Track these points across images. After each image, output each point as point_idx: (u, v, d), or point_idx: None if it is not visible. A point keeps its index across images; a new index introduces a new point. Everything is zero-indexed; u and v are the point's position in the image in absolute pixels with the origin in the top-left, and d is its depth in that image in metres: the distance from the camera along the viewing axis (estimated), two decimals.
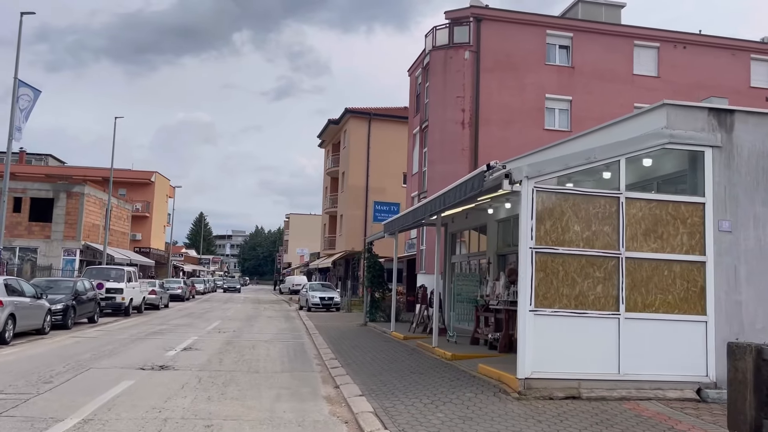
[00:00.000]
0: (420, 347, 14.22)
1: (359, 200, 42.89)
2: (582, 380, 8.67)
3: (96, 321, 21.34)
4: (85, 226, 40.74)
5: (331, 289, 34.62)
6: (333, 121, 46.23)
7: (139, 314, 27.17)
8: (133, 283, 26.43)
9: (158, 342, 15.88)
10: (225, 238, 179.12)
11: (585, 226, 9.01)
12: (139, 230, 56.62)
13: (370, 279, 21.45)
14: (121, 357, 12.81)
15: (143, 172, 58.21)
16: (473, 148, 24.76)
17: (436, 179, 24.67)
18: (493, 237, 17.71)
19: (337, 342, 16.20)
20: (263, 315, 29.30)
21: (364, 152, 43.15)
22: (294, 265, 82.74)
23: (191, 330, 19.97)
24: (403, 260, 30.88)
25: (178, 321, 23.97)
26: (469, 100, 25.06)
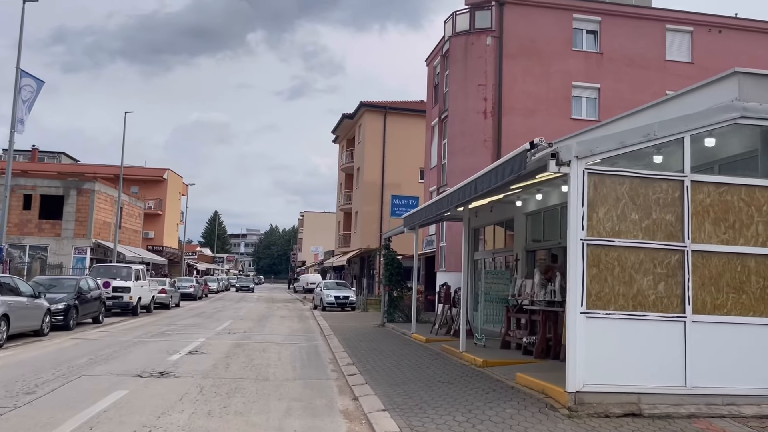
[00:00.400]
0: (445, 351, 13.00)
1: (374, 196, 41.72)
2: (642, 394, 7.41)
3: (101, 321, 20.36)
4: (95, 224, 39.97)
5: (347, 288, 33.49)
6: (347, 116, 45.08)
7: (148, 314, 26.22)
8: (142, 282, 25.48)
9: (163, 344, 14.81)
10: (239, 236, 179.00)
11: (644, 214, 7.74)
12: (152, 228, 55.95)
13: (388, 277, 20.26)
14: (120, 362, 11.73)
15: (155, 169, 57.51)
16: (496, 138, 23.46)
17: (456, 172, 23.41)
18: (521, 232, 16.44)
19: (354, 344, 15.03)
20: (276, 315, 28.24)
21: (379, 147, 41.96)
22: (308, 263, 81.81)
23: (200, 331, 18.91)
24: (420, 258, 29.65)
25: (188, 321, 22.95)
26: (491, 89, 23.76)
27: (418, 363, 11.70)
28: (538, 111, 23.90)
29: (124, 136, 37.71)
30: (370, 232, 41.43)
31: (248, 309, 32.43)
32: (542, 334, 10.93)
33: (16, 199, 38.84)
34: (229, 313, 28.02)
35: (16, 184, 39.23)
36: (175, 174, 60.64)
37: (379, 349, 14.16)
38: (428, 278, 29.17)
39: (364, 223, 41.78)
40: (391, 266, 20.25)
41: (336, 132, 50.06)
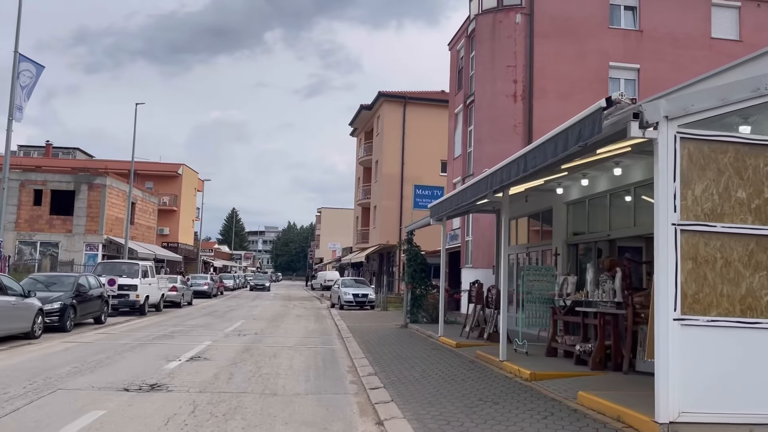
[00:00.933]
0: (481, 359, 11.32)
1: (394, 190, 40.07)
2: (757, 425, 5.68)
3: (103, 321, 18.98)
4: (107, 220, 38.86)
5: (365, 286, 31.91)
6: (365, 107, 43.45)
7: (157, 313, 24.88)
8: (150, 279, 24.12)
9: (163, 349, 13.32)
10: (257, 234, 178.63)
11: (754, 192, 6.00)
12: (167, 225, 54.90)
13: (411, 274, 18.61)
14: (108, 371, 10.23)
15: (170, 164, 56.44)
16: (527, 123, 21.68)
17: (483, 160, 21.68)
18: (562, 223, 14.68)
19: (376, 349, 13.42)
20: (291, 313, 26.74)
21: (398, 139, 40.29)
22: (326, 260, 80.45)
23: (208, 332, 17.44)
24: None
25: (197, 321, 21.52)
26: (521, 70, 21.96)
27: (452, 374, 10.04)
28: (572, 94, 22.05)
29: (135, 129, 36.26)
30: (390, 227, 39.80)
31: (263, 307, 31.00)
32: (600, 342, 9.20)
33: (27, 194, 37.89)
34: (242, 312, 26.59)
35: (26, 179, 38.28)
36: (190, 169, 59.51)
37: (404, 355, 12.53)
38: (452, 275, 27.44)
39: (383, 218, 40.16)
40: (415, 262, 18.61)
41: (354, 124, 48.46)
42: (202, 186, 63.81)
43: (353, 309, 29.22)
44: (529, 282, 11.40)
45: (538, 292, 11.40)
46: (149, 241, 46.60)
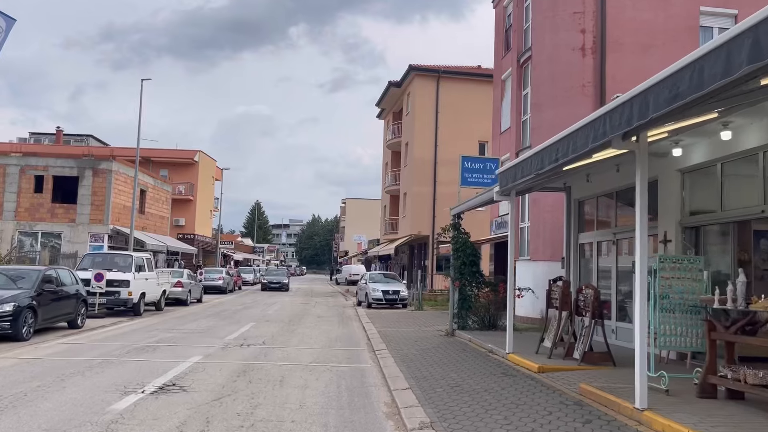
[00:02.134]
0: (594, 401, 7.38)
1: (426, 175, 36.17)
2: None
3: (79, 325, 15.52)
4: (113, 208, 35.68)
5: (396, 281, 28.14)
6: (394, 84, 39.54)
7: (156, 313, 21.47)
8: (147, 274, 20.67)
9: (129, 370, 9.70)
10: (281, 227, 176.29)
11: None
12: (183, 215, 51.80)
13: (459, 268, 14.73)
14: (10, 420, 6.60)
15: (185, 151, 53.28)
16: (599, 82, 17.62)
17: (543, 128, 17.70)
18: (675, 198, 10.70)
19: (421, 372, 9.62)
20: (312, 313, 23.09)
21: (431, 118, 36.33)
22: (351, 253, 76.92)
23: (204, 341, 13.85)
24: (488, 245, 24.01)
25: (198, 324, 17.99)
26: (591, 18, 17.88)
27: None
28: (653, 46, 17.89)
29: (140, 106, 32.97)
30: (421, 216, 35.93)
31: (281, 305, 27.43)
32: None
33: (27, 180, 34.88)
34: (255, 312, 23.02)
35: (26, 164, 35.27)
36: (207, 156, 56.29)
37: (466, 385, 8.69)
38: (498, 270, 23.50)
39: (414, 206, 36.28)
40: (463, 253, 14.73)
41: (381, 104, 44.58)
42: (221, 175, 60.60)
43: (382, 307, 25.51)
44: (665, 279, 7.42)
45: (679, 295, 7.43)
46: (162, 232, 43.43)
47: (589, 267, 14.52)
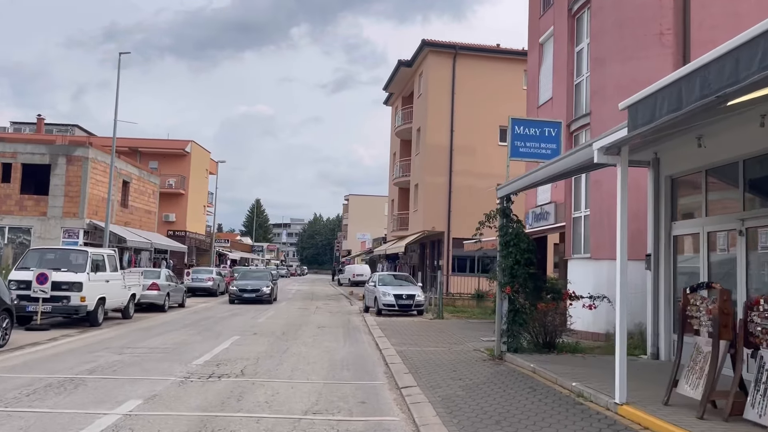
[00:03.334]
0: None
1: (440, 164, 32.22)
2: None
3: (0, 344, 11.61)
4: (90, 200, 31.77)
5: (410, 283, 24.19)
6: (405, 63, 35.56)
7: (123, 321, 17.68)
8: (108, 274, 16.78)
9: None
10: (282, 226, 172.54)
11: None
12: (173, 210, 47.92)
13: (511, 269, 10.71)
14: None
15: (176, 141, 49.33)
16: (681, 29, 13.67)
17: (608, 89, 13.81)
18: None
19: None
20: (311, 322, 19.17)
21: (446, 100, 32.40)
22: (354, 252, 72.97)
23: (160, 368, 9.98)
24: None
25: (165, 339, 14.08)
26: None
27: None
28: None
29: (118, 84, 28.91)
30: (435, 209, 31.99)
31: (276, 311, 23.51)
32: None
33: None
34: (243, 321, 19.11)
35: None
36: (200, 148, 52.36)
37: None
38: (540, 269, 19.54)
39: (427, 198, 32.34)
40: (516, 248, 10.73)
41: (389, 88, 40.58)
42: (216, 168, 56.65)
43: (394, 314, 21.61)
44: None
45: None
46: (148, 227, 39.52)
47: (688, 267, 10.63)
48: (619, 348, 7.24)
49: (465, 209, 31.68)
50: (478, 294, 27.35)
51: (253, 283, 27.38)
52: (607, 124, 12.81)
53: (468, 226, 31.64)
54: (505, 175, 33.94)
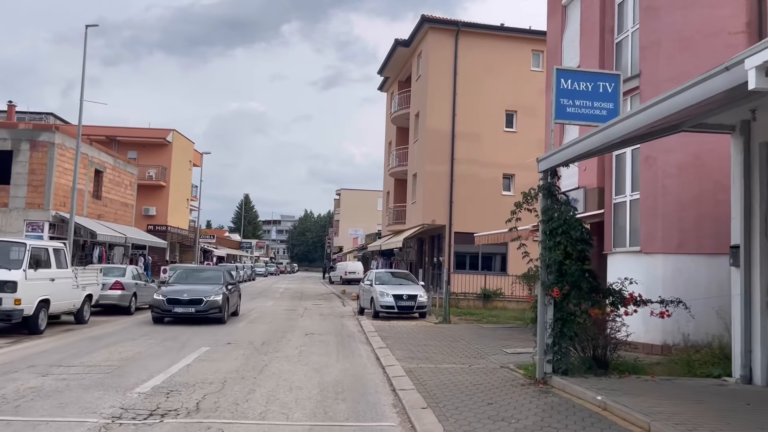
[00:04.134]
0: None
1: (441, 151, 29.56)
2: None
3: None
4: (57, 190, 28.94)
5: (411, 282, 21.50)
6: (402, 43, 32.82)
7: (76, 327, 14.94)
8: (54, 271, 13.98)
9: None
10: (272, 223, 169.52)
11: None
12: (153, 203, 44.99)
13: (559, 264, 7.98)
14: None
15: (156, 129, 46.36)
16: None
17: (663, 44, 11.21)
18: None
19: None
20: (299, 328, 16.45)
21: (448, 81, 29.73)
22: (346, 248, 70.21)
23: (83, 402, 7.31)
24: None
25: (112, 352, 11.30)
26: None
27: None
28: None
29: (84, 59, 25.98)
30: (436, 201, 29.34)
31: (259, 314, 20.77)
32: None
33: None
34: (213, 327, 16.32)
35: None
36: (183, 137, 49.39)
37: None
38: None
39: (427, 189, 29.67)
40: (567, 238, 7.99)
41: (384, 72, 37.79)
42: (201, 160, 53.76)
43: (393, 317, 18.96)
44: None
45: None
46: (125, 221, 36.62)
47: None
48: None
49: (468, 200, 29.07)
50: (485, 293, 24.76)
51: (194, 289, 16.38)
52: (662, 87, 10.21)
53: (472, 218, 29.14)
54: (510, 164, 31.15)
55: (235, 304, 18.75)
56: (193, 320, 16.08)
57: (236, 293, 19.08)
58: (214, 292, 16.43)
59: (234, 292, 18.48)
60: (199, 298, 16.08)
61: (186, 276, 18.52)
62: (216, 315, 16.19)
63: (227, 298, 16.92)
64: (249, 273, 56.68)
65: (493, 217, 27.35)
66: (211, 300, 16.13)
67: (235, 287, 19.24)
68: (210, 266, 26.29)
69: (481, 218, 27.58)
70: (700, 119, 8.13)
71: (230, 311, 17.66)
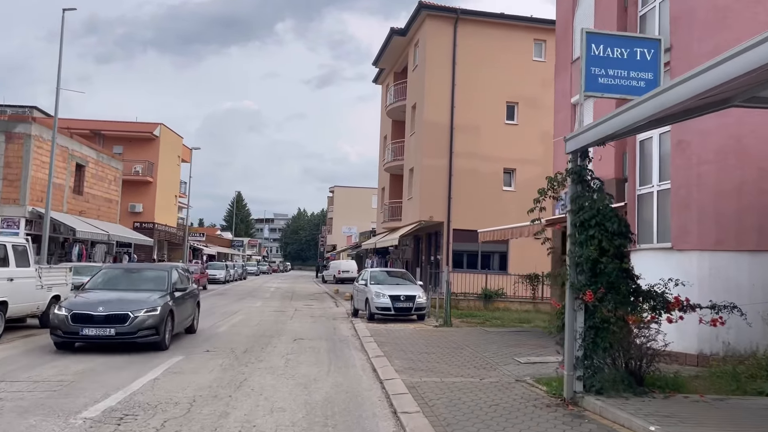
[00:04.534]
0: None
1: (439, 144, 28.21)
2: None
3: None
4: (33, 185, 27.44)
5: (408, 282, 20.12)
6: (398, 31, 31.42)
7: (40, 332, 13.45)
8: (14, 270, 12.57)
9: None
10: (265, 221, 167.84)
11: None
12: (140, 200, 43.47)
13: (594, 263, 6.65)
14: None
15: (143, 123, 44.79)
16: None
17: (697, 13, 9.90)
18: None
19: None
20: (287, 331, 15.05)
21: (446, 72, 28.39)
22: (339, 247, 68.79)
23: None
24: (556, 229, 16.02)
25: (67, 363, 9.88)
26: None
27: None
28: None
29: (61, 43, 24.47)
30: (433, 196, 28.00)
31: (246, 315, 19.38)
32: None
33: None
34: (200, 329, 14.91)
35: None
36: (171, 132, 47.84)
37: None
38: None
39: (424, 184, 28.31)
40: (602, 231, 6.68)
41: (380, 63, 36.37)
42: (190, 156, 52.13)
43: (390, 319, 17.60)
44: None
45: None
46: (109, 218, 35.09)
47: None
48: None
49: (468, 196, 27.74)
50: (486, 294, 23.44)
51: (117, 299, 11.40)
52: (696, 62, 8.89)
53: (471, 215, 27.74)
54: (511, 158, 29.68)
55: (189, 318, 13.40)
56: (114, 347, 10.92)
57: (190, 302, 13.43)
58: (148, 304, 11.07)
59: (186, 302, 12.96)
60: (123, 313, 10.69)
61: (111, 279, 12.62)
62: (148, 338, 10.83)
63: (171, 311, 11.51)
64: (240, 272, 55.19)
65: (493, 213, 26.07)
66: (141, 317, 10.72)
67: (189, 294, 13.41)
68: (146, 264, 19.59)
69: (480, 214, 26.28)
70: (756, 91, 6.81)
71: (178, 329, 12.43)
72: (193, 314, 13.85)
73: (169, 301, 11.72)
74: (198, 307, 14.54)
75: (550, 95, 27.46)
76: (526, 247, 26.38)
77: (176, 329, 12.18)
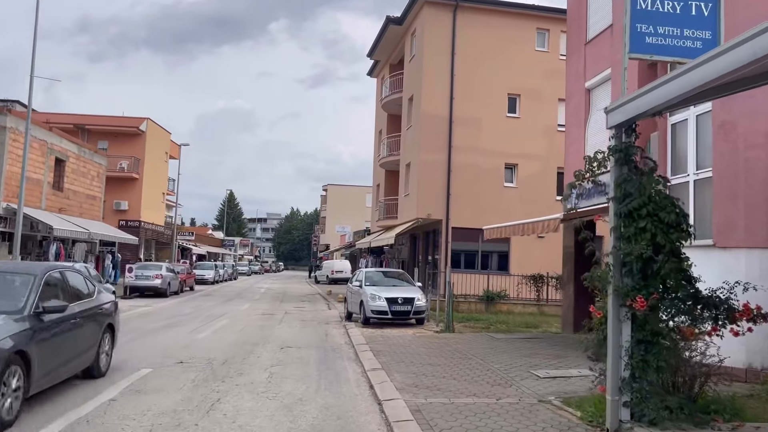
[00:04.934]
0: None
1: (438, 137, 26.86)
2: None
3: None
4: (8, 179, 25.89)
5: (406, 283, 18.74)
6: (394, 20, 30.07)
7: None
8: None
9: None
10: (257, 221, 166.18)
11: None
12: (126, 197, 41.92)
13: (645, 263, 5.34)
14: None
15: (128, 118, 43.21)
16: None
17: None
18: None
19: None
20: (273, 339, 13.66)
21: (445, 61, 27.06)
22: (333, 246, 67.36)
23: None
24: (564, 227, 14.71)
25: None
26: None
27: None
28: None
29: (36, 28, 22.94)
30: (431, 193, 26.65)
31: (231, 319, 17.96)
32: None
33: None
34: (178, 336, 13.53)
35: None
36: (158, 127, 46.31)
37: None
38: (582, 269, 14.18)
39: (422, 180, 26.96)
40: (655, 221, 5.42)
41: (375, 55, 35.00)
42: (179, 152, 50.58)
43: (387, 324, 16.24)
44: None
45: None
46: (92, 215, 33.55)
47: None
48: None
49: (467, 193, 26.41)
50: (488, 295, 22.20)
51: None
52: (740, 33, 7.61)
53: (471, 212, 26.31)
54: (513, 153, 28.45)
55: (85, 354, 7.91)
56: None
57: (87, 328, 7.98)
58: None
59: (75, 329, 7.56)
60: None
61: None
62: None
63: (33, 342, 6.38)
64: (230, 272, 53.74)
65: (494, 210, 24.75)
66: None
67: (85, 314, 7.94)
68: (12, 263, 10.86)
69: (480, 212, 24.97)
70: None
71: (48, 380, 6.87)
72: (95, 346, 8.24)
73: (25, 327, 6.33)
74: (111, 333, 9.01)
75: (553, 87, 26.37)
76: (529, 246, 25.10)
77: (42, 382, 6.64)
